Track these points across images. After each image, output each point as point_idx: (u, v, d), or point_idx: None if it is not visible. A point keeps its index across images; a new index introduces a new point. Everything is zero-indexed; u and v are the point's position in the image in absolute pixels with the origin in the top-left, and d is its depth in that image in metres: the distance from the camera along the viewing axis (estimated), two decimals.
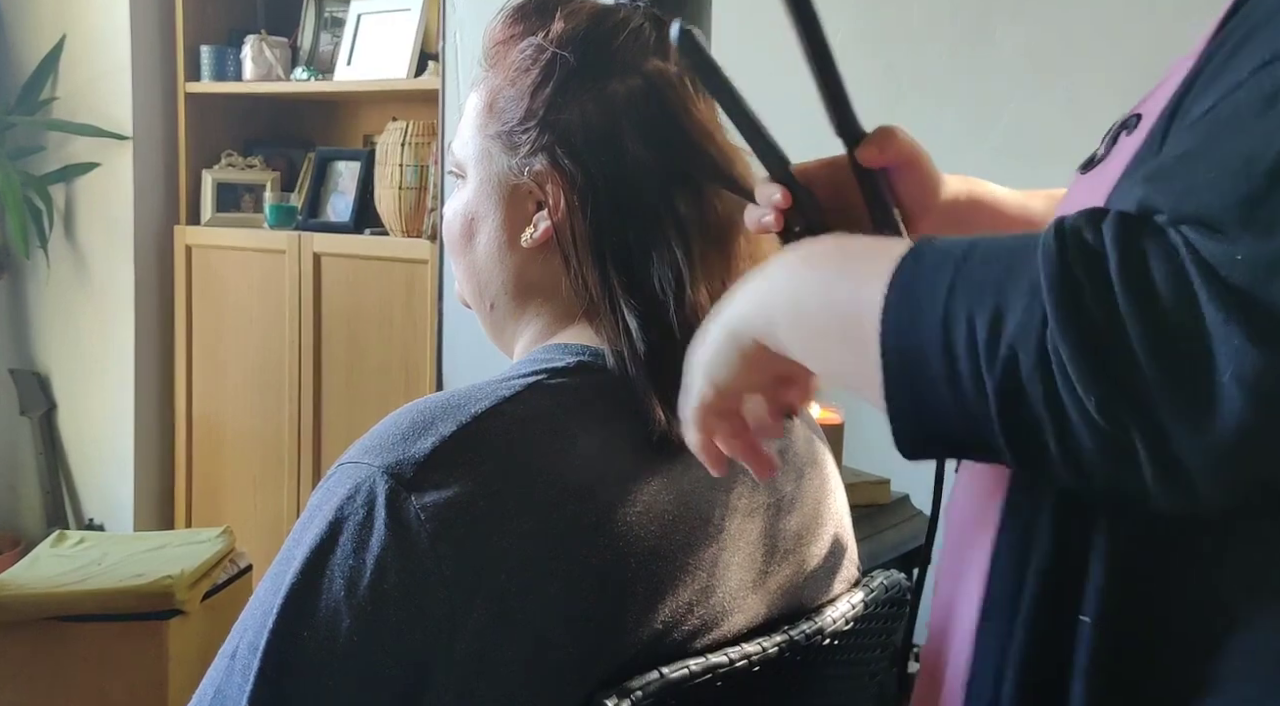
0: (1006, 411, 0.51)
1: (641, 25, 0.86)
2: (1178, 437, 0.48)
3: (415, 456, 0.72)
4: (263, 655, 0.69)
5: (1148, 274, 0.48)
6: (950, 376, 0.52)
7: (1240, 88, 0.52)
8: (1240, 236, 0.47)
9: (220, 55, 3.06)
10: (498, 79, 0.87)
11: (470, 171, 0.89)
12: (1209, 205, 0.48)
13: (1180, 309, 0.47)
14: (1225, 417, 0.46)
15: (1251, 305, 0.46)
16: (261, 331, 2.97)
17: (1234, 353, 0.46)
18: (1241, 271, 0.46)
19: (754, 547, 0.86)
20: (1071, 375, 0.49)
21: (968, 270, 0.53)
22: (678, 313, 0.81)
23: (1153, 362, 0.47)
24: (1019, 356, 0.50)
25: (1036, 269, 0.50)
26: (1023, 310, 0.50)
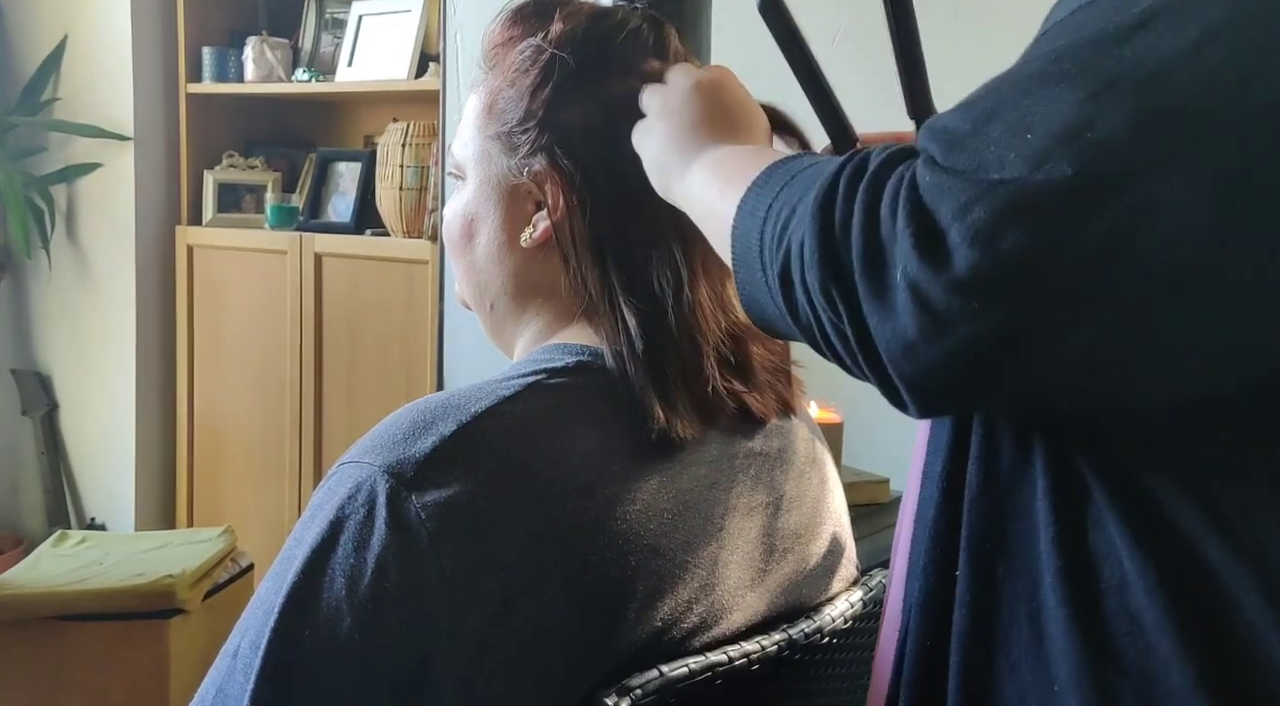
0: (786, 296, 0.61)
1: (640, 26, 0.87)
2: (870, 323, 0.55)
3: (416, 456, 0.73)
4: (264, 654, 0.70)
5: (884, 184, 0.56)
6: (761, 268, 0.63)
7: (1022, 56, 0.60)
8: (941, 165, 0.54)
9: (222, 56, 3.06)
10: (497, 80, 0.87)
11: (470, 172, 0.89)
12: (938, 139, 0.56)
13: (889, 214, 0.55)
14: (898, 311, 0.54)
15: (926, 220, 0.53)
16: (262, 331, 2.97)
17: (906, 254, 0.53)
18: (927, 192, 0.54)
19: (753, 546, 0.86)
20: (808, 264, 0.58)
21: (798, 178, 0.63)
22: (676, 312, 0.82)
23: (857, 253, 0.56)
24: (790, 248, 0.60)
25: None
26: (801, 211, 0.60)
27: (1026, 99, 0.54)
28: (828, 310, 0.57)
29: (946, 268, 0.52)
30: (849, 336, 0.57)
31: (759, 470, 0.88)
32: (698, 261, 0.84)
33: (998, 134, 0.53)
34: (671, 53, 0.87)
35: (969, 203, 0.52)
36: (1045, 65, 0.55)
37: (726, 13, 1.59)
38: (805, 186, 0.61)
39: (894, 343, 0.54)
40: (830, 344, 0.59)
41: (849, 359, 0.58)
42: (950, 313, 0.52)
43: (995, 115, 0.54)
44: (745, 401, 0.86)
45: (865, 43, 2.09)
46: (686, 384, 0.81)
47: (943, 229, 0.53)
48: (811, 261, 0.58)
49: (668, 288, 0.82)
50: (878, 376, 0.57)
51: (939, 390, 0.56)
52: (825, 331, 0.59)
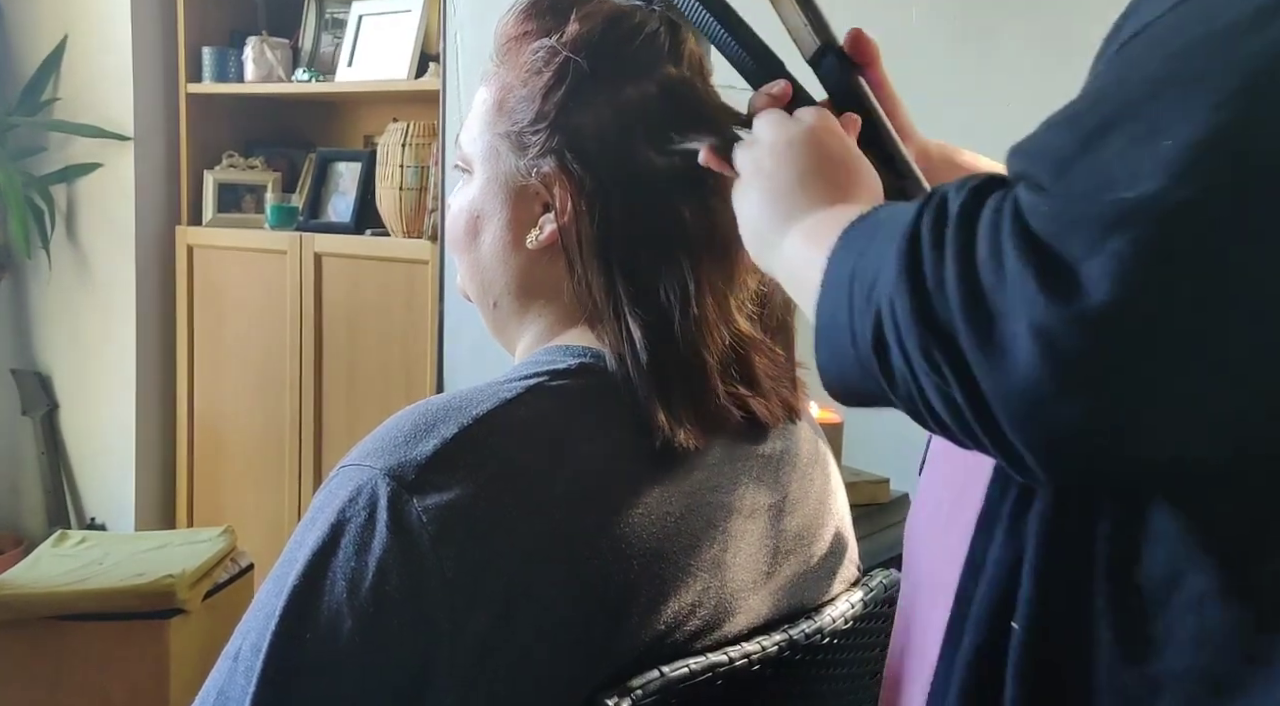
0: (880, 362, 0.55)
1: (657, 30, 0.85)
2: (985, 385, 0.49)
3: (417, 459, 0.72)
4: (265, 657, 0.70)
5: (975, 225, 0.50)
6: (850, 333, 0.57)
7: (1110, 63, 0.54)
8: (1052, 190, 0.48)
9: (222, 56, 3.06)
10: (509, 77, 0.86)
11: (477, 168, 0.88)
12: (1038, 163, 0.50)
13: (991, 256, 0.49)
14: (1021, 366, 0.47)
15: (1048, 256, 0.47)
16: (262, 331, 2.97)
17: (1028, 301, 0.47)
18: (1044, 223, 0.48)
19: (756, 548, 0.86)
20: (904, 326, 0.52)
21: (877, 236, 0.57)
22: (682, 324, 0.81)
23: (961, 310, 0.49)
24: (881, 310, 0.54)
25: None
26: (886, 269, 0.53)
27: (1150, 104, 0.48)
28: (931, 375, 0.51)
29: (1084, 307, 0.45)
30: (958, 401, 0.50)
31: (762, 472, 0.87)
32: (704, 272, 0.83)
33: (1120, 145, 0.47)
34: (687, 56, 0.86)
35: (1104, 229, 0.45)
36: (1160, 66, 0.49)
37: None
38: (887, 240, 0.55)
39: (1017, 401, 0.48)
40: (937, 414, 0.53)
41: (960, 427, 0.52)
42: (1093, 358, 0.46)
43: (1112, 125, 0.48)
44: (751, 407, 0.85)
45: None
46: (690, 394, 0.81)
47: (1071, 263, 0.46)
48: (907, 324, 0.52)
49: (674, 299, 0.81)
50: (997, 443, 0.50)
51: (1069, 453, 0.50)
52: (929, 400, 0.53)
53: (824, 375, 0.61)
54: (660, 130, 0.81)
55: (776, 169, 0.71)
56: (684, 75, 0.85)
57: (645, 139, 0.82)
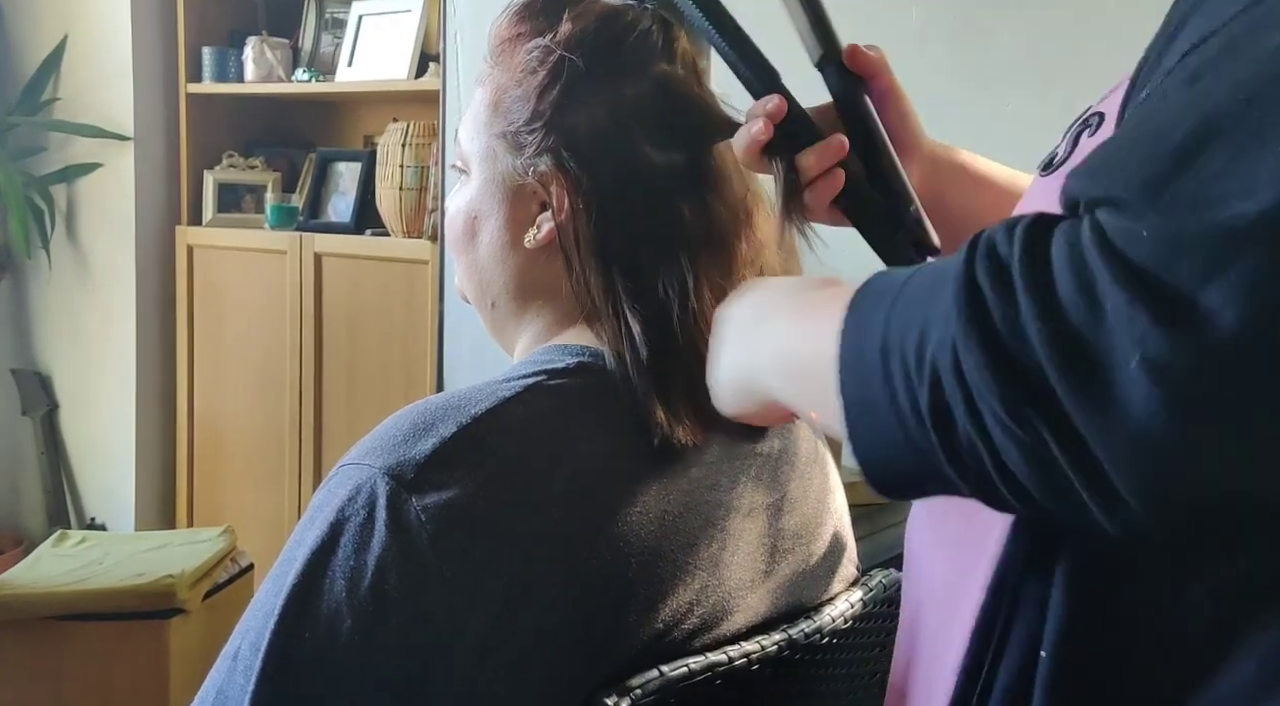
0: (941, 435, 0.48)
1: (650, 28, 0.86)
2: (1091, 437, 0.44)
3: (416, 458, 0.73)
4: (264, 656, 0.70)
5: (1048, 264, 0.45)
6: (894, 411, 0.50)
7: (1170, 74, 0.50)
8: (1145, 214, 0.44)
9: (222, 56, 3.06)
10: (504, 78, 0.86)
11: (474, 168, 0.88)
12: (1119, 186, 0.46)
13: (1080, 295, 0.44)
14: (1135, 410, 0.42)
15: (1157, 285, 0.43)
16: (262, 331, 2.97)
17: (1139, 338, 0.42)
18: (1147, 248, 0.43)
19: (755, 547, 0.86)
20: (978, 385, 0.46)
21: (902, 299, 0.52)
22: (681, 320, 0.81)
23: (1053, 358, 0.44)
24: (940, 376, 0.48)
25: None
26: (939, 328, 0.48)
27: (1249, 111, 0.44)
28: (1019, 433, 0.45)
29: (1209, 338, 0.41)
30: (1055, 459, 0.45)
31: (760, 470, 0.87)
32: (702, 268, 0.83)
33: (1224, 158, 0.43)
34: (680, 54, 0.87)
35: (1223, 250, 0.41)
36: (1248, 72, 0.45)
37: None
38: (925, 298, 0.50)
39: (1132, 450, 0.43)
40: (1017, 482, 0.47)
41: (1050, 489, 0.46)
42: (1224, 394, 0.42)
43: (1208, 138, 0.44)
44: None
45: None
46: (689, 391, 0.81)
47: (1188, 292, 0.42)
48: (982, 382, 0.46)
49: (673, 294, 0.81)
50: (1099, 499, 0.45)
51: (1195, 500, 0.45)
52: (1007, 466, 0.47)
53: (866, 468, 0.54)
54: (655, 127, 0.82)
55: (735, 314, 0.69)
56: (678, 72, 0.85)
57: (641, 136, 0.82)
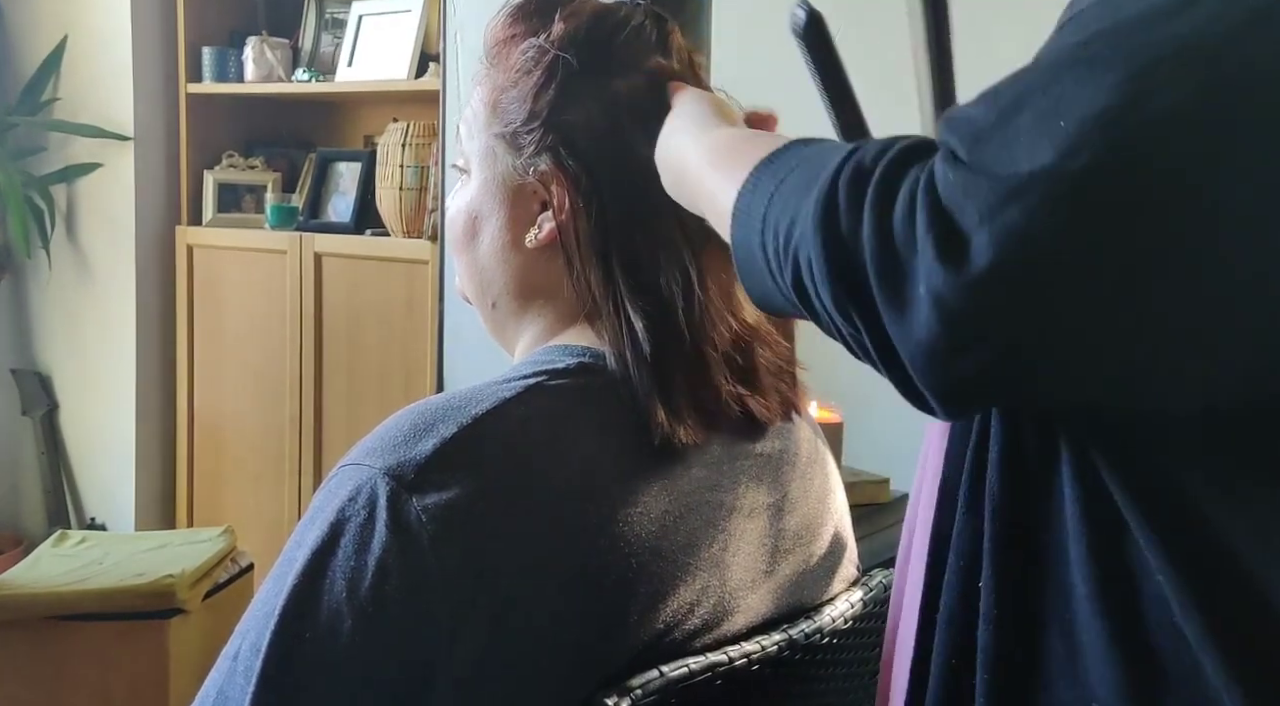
0: (803, 304, 0.59)
1: (643, 24, 0.86)
2: (894, 338, 0.53)
3: (416, 458, 0.72)
4: (265, 656, 0.70)
5: (896, 189, 0.53)
6: (769, 270, 0.61)
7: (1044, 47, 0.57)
8: (964, 162, 0.51)
9: (222, 56, 3.06)
10: (500, 78, 0.87)
11: (474, 169, 0.88)
12: (958, 134, 0.52)
13: (903, 221, 0.52)
14: (920, 325, 0.51)
15: (948, 224, 0.50)
16: (262, 331, 2.97)
17: (927, 267, 0.50)
18: (950, 193, 0.50)
19: (755, 547, 0.86)
20: (819, 279, 0.55)
21: (790, 179, 0.60)
22: (686, 315, 0.81)
23: (873, 268, 0.52)
24: (799, 262, 0.57)
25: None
26: (803, 222, 0.57)
27: (1057, 84, 0.50)
28: (846, 325, 0.55)
29: (971, 274, 0.49)
30: (869, 348, 0.55)
31: (761, 471, 0.87)
32: (705, 262, 0.83)
33: (1027, 122, 0.50)
34: (675, 49, 0.87)
35: (998, 203, 0.49)
36: (1077, 50, 0.51)
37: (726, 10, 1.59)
38: (801, 189, 0.58)
39: (919, 356, 0.52)
40: (853, 350, 0.57)
41: (873, 365, 0.56)
42: (978, 323, 0.49)
43: (1023, 103, 0.51)
44: (749, 405, 0.85)
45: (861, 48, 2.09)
46: (691, 390, 0.81)
47: (966, 233, 0.49)
48: (823, 279, 0.55)
49: (677, 290, 0.81)
50: (902, 385, 0.55)
51: (967, 399, 0.55)
52: (846, 340, 0.57)
53: (751, 297, 0.66)
54: (652, 122, 0.82)
55: (690, 107, 0.78)
56: (673, 67, 0.85)
57: (639, 131, 0.82)
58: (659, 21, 0.87)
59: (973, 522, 0.62)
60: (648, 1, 0.88)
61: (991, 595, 0.60)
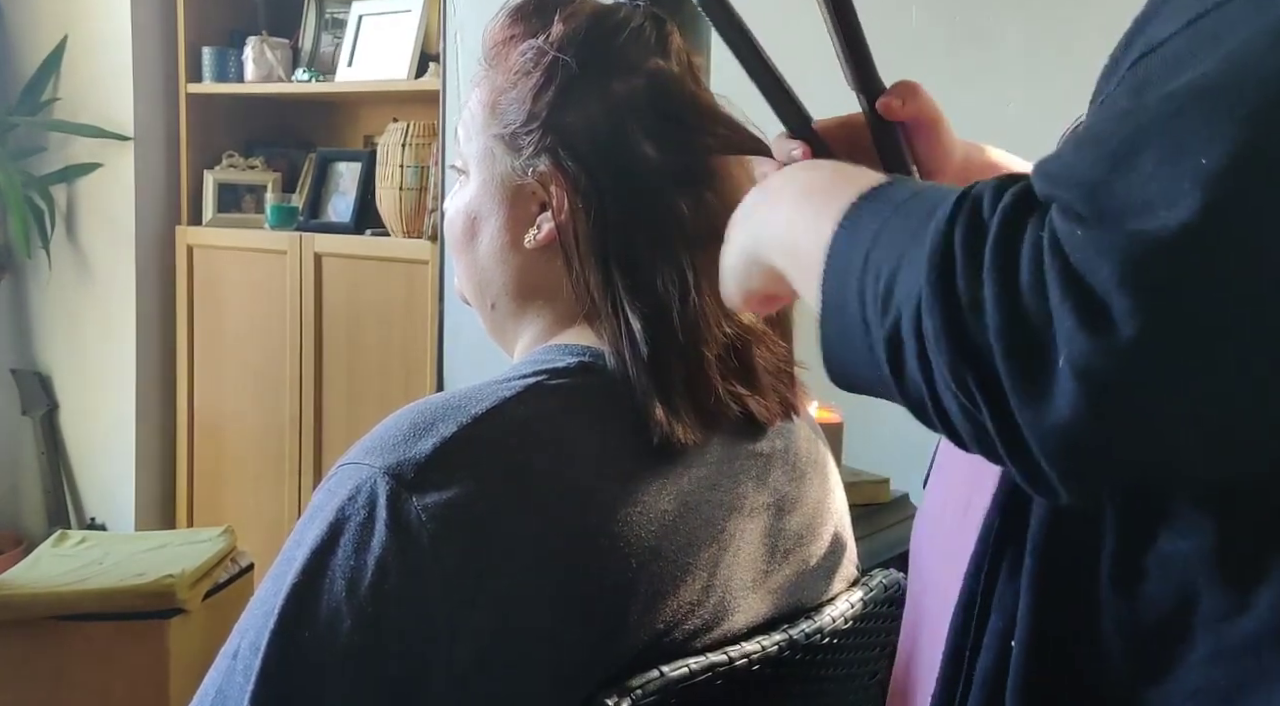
0: (893, 365, 0.53)
1: (642, 25, 0.86)
2: (1021, 418, 0.48)
3: (416, 457, 0.73)
4: (264, 655, 0.70)
5: (1017, 250, 0.48)
6: (862, 323, 0.54)
7: (1121, 82, 0.53)
8: (1082, 218, 0.47)
9: (221, 56, 3.06)
10: (499, 79, 0.87)
11: (473, 170, 0.89)
12: (1066, 187, 0.48)
13: (1034, 288, 0.47)
14: (1059, 402, 0.46)
15: (1081, 288, 0.46)
16: (262, 331, 2.97)
17: (1067, 337, 0.45)
18: (1078, 253, 0.46)
19: (755, 547, 0.86)
20: (932, 342, 0.50)
21: (895, 220, 0.55)
22: (681, 316, 0.81)
23: (1000, 339, 0.47)
24: (902, 315, 0.51)
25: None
26: (911, 271, 0.51)
27: (1180, 120, 0.46)
28: (959, 396, 0.50)
29: (1121, 340, 0.44)
30: (987, 427, 0.49)
31: (761, 471, 0.87)
32: (702, 265, 0.83)
33: (1149, 167, 0.45)
34: (674, 51, 0.87)
35: (1141, 262, 0.44)
36: (1192, 83, 0.47)
37: None
38: (908, 230, 0.53)
39: (1054, 436, 0.46)
40: (952, 424, 0.52)
41: (980, 445, 0.51)
42: (1129, 398, 0.45)
43: (1141, 146, 0.46)
44: (748, 405, 0.85)
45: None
46: (690, 390, 0.81)
47: (1103, 295, 0.45)
48: (938, 343, 0.50)
49: (673, 291, 0.81)
50: (1022, 467, 0.49)
51: (1102, 482, 0.50)
52: (946, 411, 0.51)
53: (828, 360, 0.59)
54: (651, 123, 0.82)
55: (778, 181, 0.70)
56: (672, 69, 0.85)
57: (637, 133, 0.82)
58: (658, 23, 0.87)
59: (1013, 586, 0.59)
60: (647, 2, 0.88)
61: (1029, 658, 0.57)
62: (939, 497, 0.74)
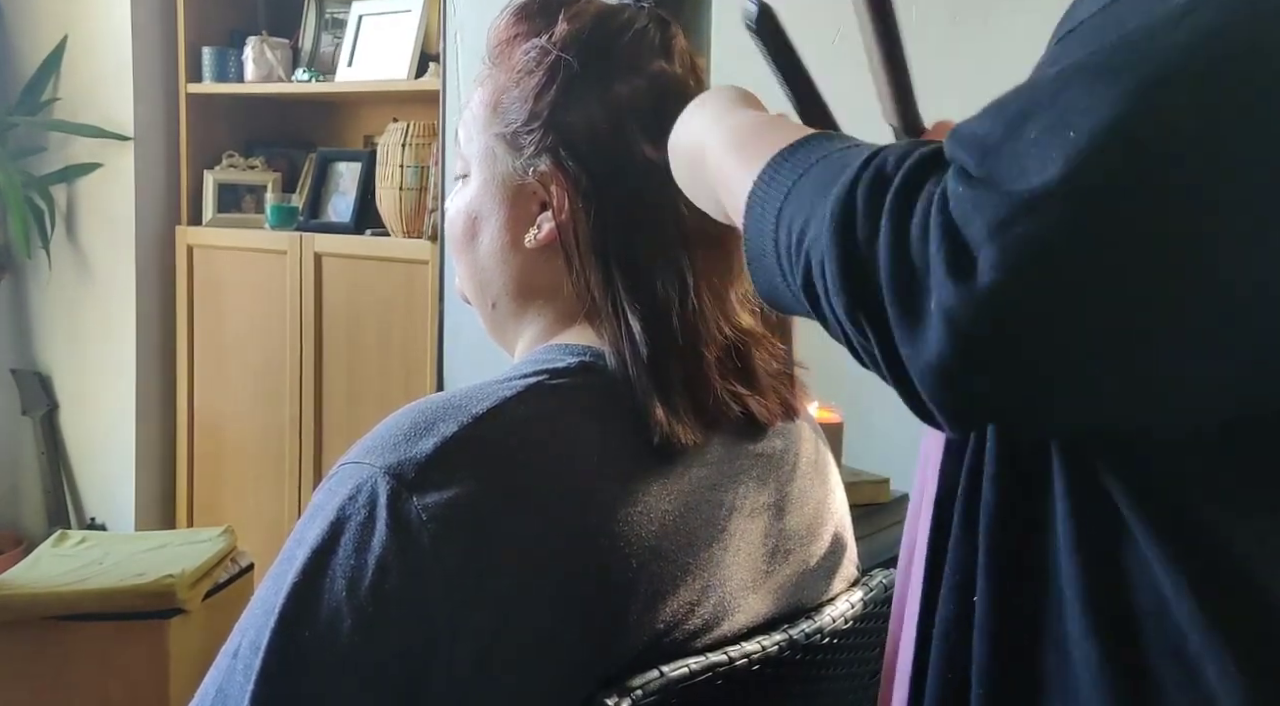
0: (811, 304, 0.57)
1: (646, 26, 0.86)
2: (903, 353, 0.52)
3: (417, 457, 0.73)
4: (264, 655, 0.70)
5: (913, 202, 0.52)
6: (779, 267, 0.60)
7: (1043, 57, 0.56)
8: (973, 177, 0.50)
9: (221, 56, 3.06)
10: (502, 78, 0.87)
11: (474, 169, 0.89)
12: (966, 148, 0.51)
13: (919, 236, 0.51)
14: (930, 340, 0.50)
15: (957, 240, 0.49)
16: (262, 331, 2.97)
17: (938, 282, 0.49)
18: (960, 208, 0.49)
19: (755, 547, 0.86)
20: (832, 283, 0.54)
21: (808, 177, 0.59)
22: (680, 317, 0.81)
23: (887, 279, 0.51)
24: (810, 264, 0.56)
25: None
26: (818, 223, 0.55)
27: (1065, 94, 0.49)
28: (856, 334, 0.54)
29: (979, 289, 0.48)
30: (879, 359, 0.54)
31: (761, 471, 0.87)
32: (700, 265, 0.83)
33: (1034, 135, 0.49)
34: (677, 52, 0.87)
35: (1007, 217, 0.48)
36: (1084, 59, 0.50)
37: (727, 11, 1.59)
38: (820, 188, 0.57)
39: (929, 373, 0.51)
40: (860, 358, 0.56)
41: (880, 376, 0.55)
42: (988, 339, 0.48)
43: (1030, 115, 0.50)
44: (748, 405, 0.85)
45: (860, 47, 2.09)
46: (689, 390, 0.81)
47: (974, 249, 0.48)
48: (836, 286, 0.54)
49: (673, 293, 0.81)
50: (909, 399, 0.53)
51: (976, 417, 0.54)
52: (854, 347, 0.56)
53: (758, 289, 0.64)
54: (652, 125, 0.82)
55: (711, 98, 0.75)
56: (675, 71, 0.85)
57: (639, 134, 0.82)
58: (662, 25, 0.87)
59: (968, 537, 0.61)
60: (651, 4, 0.88)
61: (986, 611, 0.59)
62: (916, 489, 0.75)
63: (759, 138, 0.67)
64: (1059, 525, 0.57)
